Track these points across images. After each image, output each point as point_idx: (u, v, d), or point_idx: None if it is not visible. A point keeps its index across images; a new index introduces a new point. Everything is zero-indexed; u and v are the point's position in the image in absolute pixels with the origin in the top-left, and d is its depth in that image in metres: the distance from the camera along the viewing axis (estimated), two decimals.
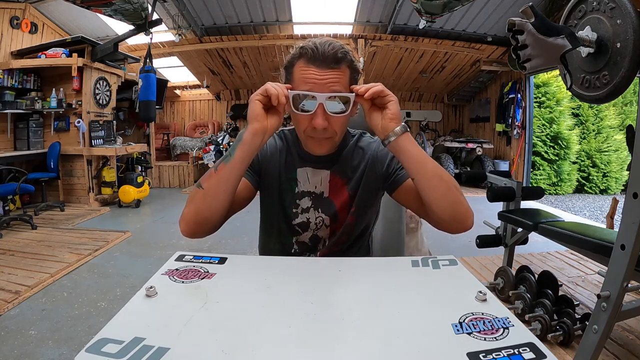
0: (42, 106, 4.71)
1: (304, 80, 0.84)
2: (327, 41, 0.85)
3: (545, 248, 3.18)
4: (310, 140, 0.90)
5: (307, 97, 0.83)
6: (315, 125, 0.83)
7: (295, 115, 0.88)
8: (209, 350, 0.45)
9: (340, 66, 0.84)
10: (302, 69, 0.84)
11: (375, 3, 5.25)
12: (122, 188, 4.88)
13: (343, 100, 0.84)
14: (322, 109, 0.82)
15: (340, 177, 0.98)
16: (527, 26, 1.20)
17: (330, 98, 0.83)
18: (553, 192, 6.58)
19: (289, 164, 0.99)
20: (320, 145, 0.90)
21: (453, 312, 0.53)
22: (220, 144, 6.53)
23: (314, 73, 0.83)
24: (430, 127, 7.92)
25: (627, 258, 1.26)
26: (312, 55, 0.83)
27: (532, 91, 6.05)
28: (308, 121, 0.85)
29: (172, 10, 5.24)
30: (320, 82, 0.82)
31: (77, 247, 3.19)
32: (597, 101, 1.30)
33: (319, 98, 0.82)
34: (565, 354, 1.72)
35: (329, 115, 0.84)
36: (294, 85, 0.86)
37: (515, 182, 2.37)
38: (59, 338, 1.89)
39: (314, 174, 0.97)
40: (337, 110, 0.84)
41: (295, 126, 0.93)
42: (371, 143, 1.01)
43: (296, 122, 0.90)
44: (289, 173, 0.98)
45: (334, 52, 0.83)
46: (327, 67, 0.83)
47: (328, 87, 0.82)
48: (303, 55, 0.85)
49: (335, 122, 0.86)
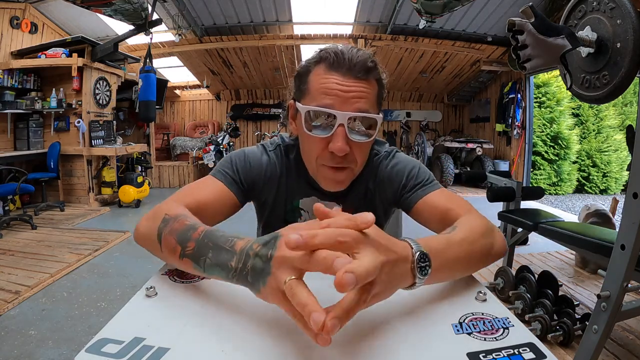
0: (42, 106, 4.71)
1: (324, 91, 0.67)
2: (353, 47, 0.70)
3: (545, 248, 3.18)
4: (323, 170, 0.72)
5: (324, 114, 0.67)
6: (334, 149, 0.67)
7: (306, 138, 0.71)
8: (209, 350, 0.45)
9: (369, 78, 0.69)
10: (321, 77, 0.68)
11: (375, 3, 5.25)
12: (122, 188, 4.88)
13: (368, 123, 0.69)
14: (343, 130, 0.66)
15: (353, 209, 0.80)
16: (527, 26, 1.20)
17: (354, 118, 0.67)
18: (553, 192, 6.58)
19: (290, 191, 0.83)
20: (335, 177, 0.73)
21: (453, 312, 0.53)
22: (220, 144, 6.54)
23: (337, 83, 0.66)
24: (430, 127, 7.92)
25: (627, 258, 1.26)
26: (336, 60, 0.67)
27: (532, 91, 6.05)
28: (323, 146, 0.69)
29: (172, 10, 5.24)
30: (344, 96, 0.66)
31: (77, 247, 3.19)
32: (597, 101, 1.30)
33: (340, 118, 0.65)
34: (565, 354, 1.72)
35: (350, 140, 0.67)
36: (308, 98, 0.70)
37: (515, 182, 2.37)
38: (59, 338, 1.89)
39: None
40: (361, 134, 0.69)
41: (304, 151, 0.76)
42: (379, 158, 0.83)
43: (307, 146, 0.73)
44: (291, 201, 0.84)
45: (363, 60, 0.67)
46: (354, 78, 0.67)
47: (352, 104, 0.66)
48: (324, 59, 0.69)
49: (357, 149, 0.70)
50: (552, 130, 6.42)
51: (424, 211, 0.76)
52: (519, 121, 5.99)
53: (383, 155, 0.84)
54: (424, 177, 0.80)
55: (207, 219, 0.66)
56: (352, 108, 0.66)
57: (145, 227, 0.63)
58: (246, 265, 0.48)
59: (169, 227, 0.58)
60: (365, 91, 0.68)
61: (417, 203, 0.77)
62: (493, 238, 0.66)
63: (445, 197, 0.77)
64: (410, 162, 0.82)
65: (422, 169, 0.81)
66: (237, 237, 0.53)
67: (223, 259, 0.50)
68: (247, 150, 0.82)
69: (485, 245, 0.63)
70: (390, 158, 0.83)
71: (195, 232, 0.55)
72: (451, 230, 0.64)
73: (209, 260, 0.52)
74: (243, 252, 0.49)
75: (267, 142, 0.85)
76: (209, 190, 0.74)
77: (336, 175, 0.72)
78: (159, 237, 0.59)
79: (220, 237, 0.53)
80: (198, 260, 0.53)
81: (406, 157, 0.84)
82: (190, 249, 0.54)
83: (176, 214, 0.61)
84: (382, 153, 0.84)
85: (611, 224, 2.69)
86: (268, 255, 0.46)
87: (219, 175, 0.77)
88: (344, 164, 0.70)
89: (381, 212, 0.86)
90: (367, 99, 0.68)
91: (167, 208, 0.63)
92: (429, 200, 0.76)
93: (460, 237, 0.60)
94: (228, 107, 7.99)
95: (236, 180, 0.77)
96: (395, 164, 0.81)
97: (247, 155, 0.81)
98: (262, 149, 0.83)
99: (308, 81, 0.70)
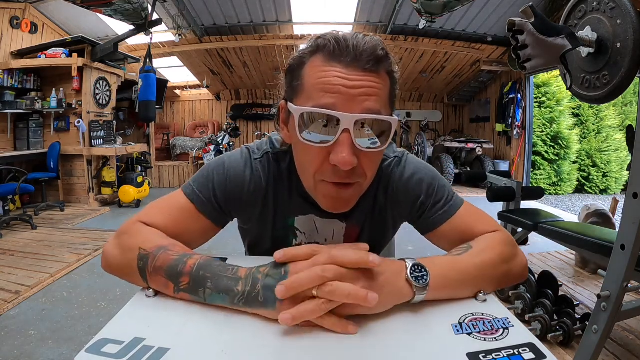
0: (42, 106, 4.71)
1: (323, 87, 0.52)
2: (357, 32, 0.55)
3: (545, 248, 3.18)
4: (323, 187, 0.57)
5: (324, 117, 0.52)
6: (338, 162, 0.52)
7: (302, 148, 0.56)
8: (209, 350, 0.45)
9: (379, 71, 0.54)
10: (319, 71, 0.53)
11: (375, 3, 5.25)
12: (122, 188, 4.89)
13: (380, 128, 0.53)
14: (348, 137, 0.51)
15: (359, 226, 0.72)
16: (527, 26, 1.20)
17: (362, 122, 0.52)
18: (553, 192, 6.58)
19: (280, 207, 0.69)
20: (339, 195, 0.57)
21: (453, 312, 0.53)
22: (220, 144, 6.54)
23: (339, 77, 0.51)
24: (430, 127, 7.92)
25: (627, 258, 1.26)
26: (337, 48, 0.52)
27: (532, 91, 6.05)
28: (323, 157, 0.54)
29: (172, 10, 5.24)
30: (349, 93, 0.51)
31: (77, 247, 3.19)
32: (597, 101, 1.30)
33: (345, 121, 0.50)
34: (565, 354, 1.72)
35: (358, 149, 0.53)
36: (303, 97, 0.55)
37: (515, 182, 2.38)
38: (59, 338, 1.89)
39: (324, 225, 0.70)
40: (372, 141, 0.53)
41: (298, 164, 0.61)
42: (389, 165, 0.70)
43: (303, 157, 0.58)
44: (281, 219, 0.70)
45: (372, 47, 0.53)
46: (361, 70, 0.52)
47: (360, 103, 0.51)
48: (322, 48, 0.54)
49: (366, 161, 0.55)
50: (552, 130, 6.42)
51: (447, 235, 0.67)
52: (519, 121, 5.99)
53: (394, 162, 0.70)
54: (444, 193, 0.69)
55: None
56: (359, 108, 0.51)
57: (118, 260, 0.59)
58: (255, 287, 0.50)
59: (152, 265, 0.54)
60: (375, 87, 0.53)
61: (439, 226, 0.68)
62: (512, 264, 0.62)
63: (470, 215, 0.69)
64: (428, 173, 0.70)
65: (441, 182, 0.70)
66: (236, 265, 0.54)
67: (226, 286, 0.50)
68: (228, 161, 0.68)
69: (502, 271, 0.60)
70: (404, 165, 0.70)
71: (186, 266, 0.53)
72: (464, 250, 0.61)
73: (209, 290, 0.51)
74: (249, 277, 0.51)
75: (254, 147, 0.70)
76: (179, 215, 0.64)
77: (340, 193, 0.57)
78: (143, 275, 0.55)
79: (218, 266, 0.53)
80: (196, 292, 0.52)
81: (420, 165, 0.72)
82: (185, 283, 0.52)
83: (154, 248, 0.56)
84: (391, 158, 0.71)
85: (611, 224, 2.69)
86: (282, 272, 0.50)
87: (191, 194, 0.65)
88: (350, 180, 0.55)
89: (390, 227, 0.75)
90: (378, 96, 0.53)
91: (142, 240, 0.58)
92: (454, 223, 0.67)
93: (471, 259, 0.58)
94: (228, 107, 7.99)
95: (211, 201, 0.65)
96: (410, 174, 0.69)
97: (226, 169, 0.67)
98: (247, 157, 0.68)
99: (302, 76, 0.55)
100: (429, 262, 0.55)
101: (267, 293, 0.49)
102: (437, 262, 0.56)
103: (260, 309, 0.49)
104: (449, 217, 0.67)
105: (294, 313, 0.46)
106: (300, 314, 0.46)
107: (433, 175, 0.70)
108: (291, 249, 0.51)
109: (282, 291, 0.46)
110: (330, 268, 0.47)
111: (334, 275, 0.47)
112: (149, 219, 0.62)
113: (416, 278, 0.51)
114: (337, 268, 0.47)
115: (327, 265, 0.47)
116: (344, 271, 0.48)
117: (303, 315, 0.46)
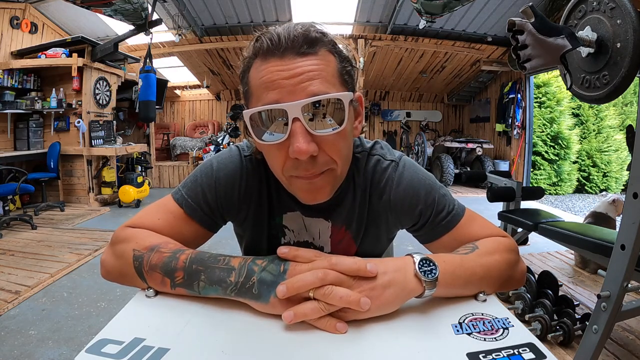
0: (42, 106, 4.71)
1: (264, 85, 0.52)
2: (291, 23, 0.55)
3: (545, 248, 3.18)
4: (295, 182, 0.57)
5: (271, 113, 0.52)
6: (295, 154, 0.51)
7: (263, 149, 0.58)
8: (209, 350, 0.45)
9: (317, 52, 0.53)
10: (259, 70, 0.53)
11: (375, 3, 5.25)
12: (122, 188, 4.88)
13: (333, 108, 0.52)
14: (300, 126, 0.51)
15: (346, 227, 0.69)
16: (527, 26, 1.20)
17: (308, 107, 0.51)
18: (553, 192, 6.58)
19: (271, 204, 0.69)
20: (311, 186, 0.57)
21: (453, 312, 0.53)
22: (220, 144, 6.53)
23: (276, 70, 0.51)
24: (430, 127, 7.93)
25: (627, 258, 1.26)
26: (270, 44, 0.52)
27: (532, 91, 6.05)
28: (284, 153, 0.54)
29: (172, 10, 5.24)
30: (289, 83, 0.51)
31: (77, 247, 3.19)
32: (597, 101, 1.30)
33: (291, 110, 0.50)
34: (565, 354, 1.72)
35: (315, 134, 0.52)
36: (253, 101, 0.55)
37: (515, 182, 2.37)
38: (59, 338, 1.89)
39: (310, 223, 0.69)
40: (326, 124, 0.53)
41: (269, 166, 0.61)
42: (386, 169, 0.68)
43: (268, 158, 0.59)
44: (274, 217, 0.70)
45: (304, 31, 0.52)
46: (297, 55, 0.52)
47: (304, 90, 0.51)
48: (258, 49, 0.54)
49: (328, 146, 0.54)
50: (552, 130, 6.42)
51: (451, 245, 0.66)
52: (519, 121, 5.99)
53: (391, 166, 0.68)
54: (445, 203, 0.67)
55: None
56: (303, 94, 0.50)
57: (115, 266, 0.60)
58: (250, 278, 0.52)
59: (147, 263, 0.56)
60: (315, 69, 0.51)
61: (442, 237, 0.67)
62: (514, 270, 0.63)
63: (472, 224, 0.68)
64: (426, 181, 0.68)
65: (441, 190, 0.68)
66: (228, 255, 0.56)
67: (219, 277, 0.53)
68: (217, 163, 0.67)
69: (505, 276, 0.61)
70: (401, 171, 0.67)
71: (178, 262, 0.55)
72: (470, 250, 0.61)
73: (203, 283, 0.53)
74: (243, 267, 0.53)
75: (243, 145, 0.69)
76: (170, 219, 0.64)
77: (312, 183, 0.56)
78: (140, 275, 0.56)
79: (209, 258, 0.55)
80: (191, 286, 0.54)
81: (418, 171, 0.69)
82: (180, 278, 0.54)
83: (147, 247, 0.58)
84: (388, 161, 0.69)
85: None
86: (281, 269, 0.52)
87: (181, 200, 0.65)
88: (317, 170, 0.54)
89: (384, 234, 0.73)
90: (321, 78, 0.51)
91: (134, 242, 0.59)
92: (457, 232, 0.66)
93: (479, 259, 0.59)
94: (228, 107, 7.99)
95: (201, 205, 0.65)
96: (408, 181, 0.67)
97: (215, 171, 0.66)
98: (237, 155, 0.68)
99: (249, 81, 0.55)
100: (437, 258, 0.55)
101: (262, 287, 0.51)
102: (445, 259, 0.56)
103: (252, 300, 0.51)
104: (452, 227, 0.67)
105: (296, 312, 0.48)
106: (302, 313, 0.48)
107: (431, 184, 0.68)
108: (296, 248, 0.54)
109: (283, 291, 0.48)
110: (332, 272, 0.50)
111: (334, 280, 0.49)
112: (140, 224, 0.64)
113: (425, 272, 0.52)
114: (338, 273, 0.50)
115: (328, 270, 0.50)
116: (344, 277, 0.50)
117: (304, 314, 0.48)
